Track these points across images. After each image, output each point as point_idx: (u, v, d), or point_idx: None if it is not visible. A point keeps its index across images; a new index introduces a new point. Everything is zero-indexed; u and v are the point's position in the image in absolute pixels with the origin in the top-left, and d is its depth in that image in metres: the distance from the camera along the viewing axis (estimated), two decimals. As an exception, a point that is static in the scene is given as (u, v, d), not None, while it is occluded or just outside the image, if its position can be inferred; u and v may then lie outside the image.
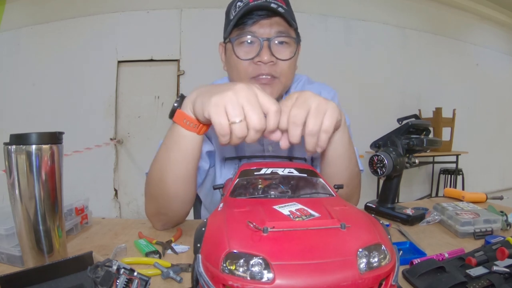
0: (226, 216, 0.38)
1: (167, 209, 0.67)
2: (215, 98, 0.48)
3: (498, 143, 4.68)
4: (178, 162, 0.61)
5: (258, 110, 0.47)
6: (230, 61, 0.78)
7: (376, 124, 2.96)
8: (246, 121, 0.47)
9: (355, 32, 3.68)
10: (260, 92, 0.49)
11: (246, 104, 0.47)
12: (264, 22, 0.72)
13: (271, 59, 0.72)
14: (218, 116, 0.47)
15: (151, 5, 3.24)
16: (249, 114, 0.47)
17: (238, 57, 0.73)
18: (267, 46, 0.72)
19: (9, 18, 3.22)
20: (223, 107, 0.47)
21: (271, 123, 0.49)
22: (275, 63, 0.73)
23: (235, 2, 0.75)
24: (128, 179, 3.28)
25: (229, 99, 0.47)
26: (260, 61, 0.72)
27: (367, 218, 0.38)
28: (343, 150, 0.66)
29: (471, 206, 0.78)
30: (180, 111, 0.57)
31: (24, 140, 0.48)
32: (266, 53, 0.71)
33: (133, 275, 0.39)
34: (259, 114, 0.47)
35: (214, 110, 0.48)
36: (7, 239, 0.54)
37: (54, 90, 3.18)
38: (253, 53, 0.73)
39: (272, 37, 0.72)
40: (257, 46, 0.72)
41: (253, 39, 0.73)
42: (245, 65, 0.74)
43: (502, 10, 4.50)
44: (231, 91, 0.48)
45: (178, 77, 3.26)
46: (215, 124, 0.48)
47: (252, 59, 0.73)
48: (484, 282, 0.44)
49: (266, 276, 0.28)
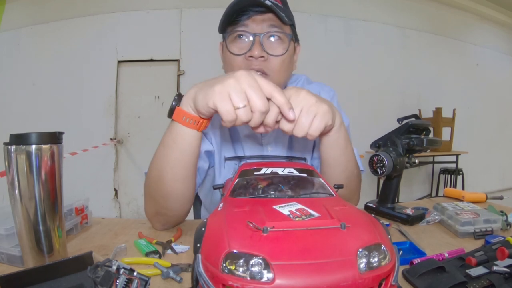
0: (226, 216, 0.38)
1: (166, 209, 0.67)
2: (218, 87, 0.49)
3: (498, 143, 4.68)
4: (177, 161, 0.61)
5: (260, 94, 0.49)
6: (225, 57, 0.78)
7: (376, 124, 2.96)
8: (250, 105, 0.49)
9: (355, 32, 3.68)
10: (260, 77, 0.51)
11: (248, 89, 0.49)
12: (257, 18, 0.72)
13: (262, 54, 0.72)
14: (223, 104, 0.49)
15: (151, 5, 3.25)
16: (252, 99, 0.49)
17: (232, 53, 0.74)
18: (259, 41, 0.72)
19: (9, 18, 3.22)
20: (227, 94, 0.49)
21: (280, 100, 0.50)
22: (267, 59, 0.73)
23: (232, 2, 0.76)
24: (128, 179, 3.29)
25: (232, 86, 0.49)
26: (251, 55, 0.72)
27: (367, 218, 0.38)
28: (339, 152, 0.66)
29: (471, 206, 0.78)
30: (179, 109, 0.57)
31: (24, 140, 0.48)
32: (257, 48, 0.71)
33: (133, 275, 0.39)
34: (262, 97, 0.49)
35: (218, 98, 0.49)
36: (7, 239, 0.54)
37: (54, 90, 3.18)
38: (246, 49, 0.73)
39: (264, 33, 0.72)
40: (250, 41, 0.72)
41: (246, 34, 0.73)
42: (239, 60, 0.74)
43: (502, 10, 4.50)
44: (232, 79, 0.50)
45: (178, 77, 3.26)
46: (222, 111, 0.49)
47: (244, 54, 0.73)
48: (484, 282, 0.44)
49: (266, 276, 0.28)
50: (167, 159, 0.62)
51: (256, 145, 0.85)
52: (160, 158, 0.63)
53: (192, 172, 0.65)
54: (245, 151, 0.85)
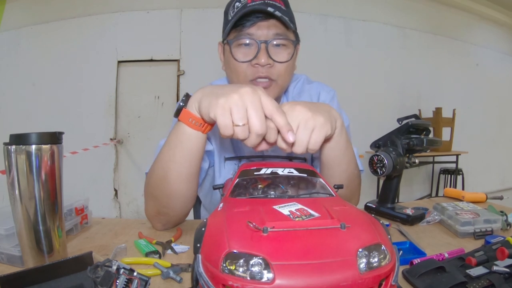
0: (226, 216, 0.38)
1: (168, 208, 0.67)
2: (222, 100, 0.49)
3: (498, 143, 4.68)
4: (182, 161, 0.62)
5: (260, 115, 0.49)
6: (229, 63, 0.77)
7: (376, 124, 2.96)
8: (248, 125, 0.49)
9: (355, 32, 3.67)
10: (264, 96, 0.51)
11: (250, 108, 0.49)
12: (262, 24, 0.72)
13: (268, 61, 0.72)
14: (223, 118, 0.49)
15: (151, 5, 3.24)
16: (252, 119, 0.48)
17: (236, 60, 0.73)
18: (265, 48, 0.72)
19: (9, 18, 3.22)
20: (228, 109, 0.49)
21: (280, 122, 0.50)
22: (272, 66, 0.73)
23: (233, 3, 0.75)
24: (128, 179, 3.28)
25: (235, 102, 0.49)
26: (257, 63, 0.72)
27: (367, 218, 0.38)
28: (339, 153, 0.67)
29: (471, 206, 0.78)
30: (186, 110, 0.57)
31: (24, 140, 0.48)
32: (264, 56, 0.71)
33: (133, 275, 0.39)
34: (261, 119, 0.49)
35: (220, 112, 0.49)
36: (7, 239, 0.54)
37: (54, 90, 3.18)
38: (251, 55, 0.73)
39: (269, 40, 0.72)
40: (255, 48, 0.72)
41: (251, 41, 0.73)
42: (244, 67, 0.74)
43: (502, 10, 4.50)
44: (236, 94, 0.49)
45: (178, 77, 3.26)
46: (220, 125, 0.49)
47: (249, 61, 0.73)
48: (484, 282, 0.44)
49: (266, 276, 0.28)
50: (172, 159, 0.62)
51: None
52: (164, 158, 0.64)
53: (196, 172, 0.66)
54: (244, 151, 0.85)
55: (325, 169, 0.69)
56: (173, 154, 0.62)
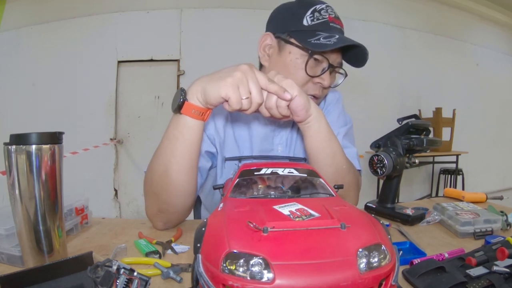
0: (226, 216, 0.38)
1: (168, 204, 0.68)
2: (229, 79, 0.56)
3: (498, 143, 4.68)
4: (183, 153, 0.63)
5: (258, 88, 0.58)
6: (286, 63, 0.78)
7: (376, 124, 2.95)
8: (250, 96, 0.57)
9: (355, 32, 3.66)
10: (257, 71, 0.59)
11: (251, 83, 0.57)
12: (337, 50, 0.78)
13: (330, 85, 0.79)
14: (234, 95, 0.56)
15: (151, 5, 3.24)
16: (253, 92, 0.57)
17: (307, 73, 0.76)
18: (333, 73, 0.79)
19: (9, 18, 3.22)
20: (236, 86, 0.56)
21: (273, 89, 0.59)
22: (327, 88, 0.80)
23: (309, 7, 0.77)
24: (128, 179, 3.28)
25: (240, 79, 0.56)
26: (320, 83, 0.78)
27: (367, 218, 0.38)
28: (322, 142, 0.69)
29: (471, 206, 0.78)
30: (188, 103, 0.60)
31: (24, 140, 0.48)
32: (330, 80, 0.78)
33: (133, 275, 0.39)
34: (260, 91, 0.58)
35: (231, 89, 0.56)
36: (7, 239, 0.54)
37: (54, 90, 3.18)
38: (317, 71, 0.77)
39: (336, 66, 0.79)
40: (323, 67, 0.77)
41: (323, 60, 0.77)
42: (306, 79, 0.77)
43: (502, 10, 4.50)
44: (239, 72, 0.57)
45: (178, 77, 3.26)
46: (232, 101, 0.56)
47: (313, 77, 0.77)
48: (484, 282, 0.44)
49: (266, 276, 0.28)
50: (173, 152, 0.63)
51: (267, 144, 0.85)
52: (165, 152, 0.65)
53: (196, 164, 0.67)
54: (254, 150, 0.85)
55: (311, 160, 0.71)
56: (174, 147, 0.63)
